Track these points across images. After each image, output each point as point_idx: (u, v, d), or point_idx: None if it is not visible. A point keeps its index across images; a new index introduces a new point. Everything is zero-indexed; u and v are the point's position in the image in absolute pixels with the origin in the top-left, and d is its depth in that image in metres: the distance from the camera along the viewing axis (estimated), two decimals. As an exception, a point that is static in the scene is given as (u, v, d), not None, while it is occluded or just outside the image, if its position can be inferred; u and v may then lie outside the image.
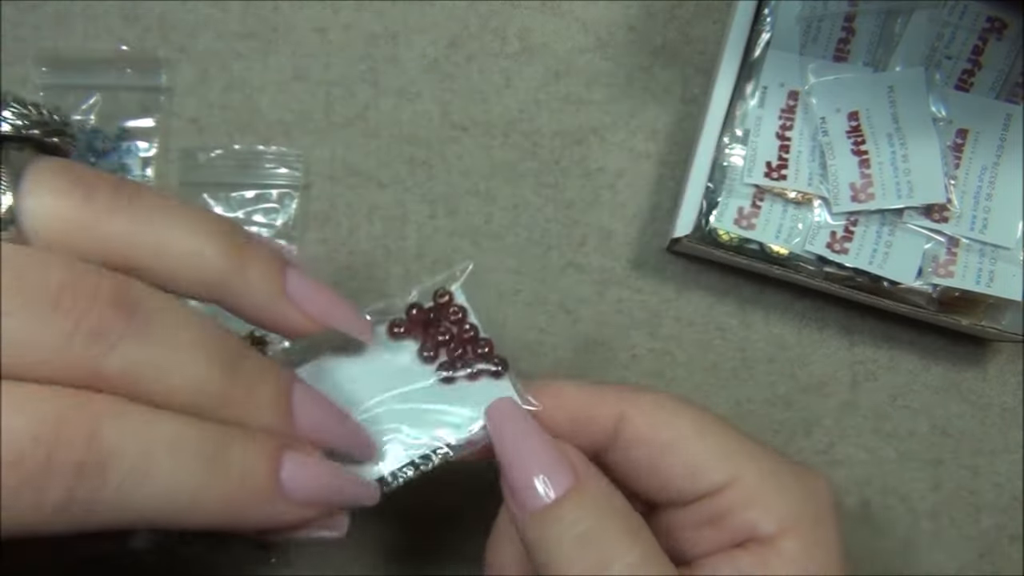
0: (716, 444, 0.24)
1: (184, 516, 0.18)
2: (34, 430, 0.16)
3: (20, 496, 0.15)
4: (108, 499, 0.16)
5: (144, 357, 0.17)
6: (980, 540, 0.38)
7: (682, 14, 0.39)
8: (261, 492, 0.19)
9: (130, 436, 0.17)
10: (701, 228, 0.35)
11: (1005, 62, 0.36)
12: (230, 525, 0.19)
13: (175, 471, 0.17)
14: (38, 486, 0.16)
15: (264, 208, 0.38)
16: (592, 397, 0.25)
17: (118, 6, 0.38)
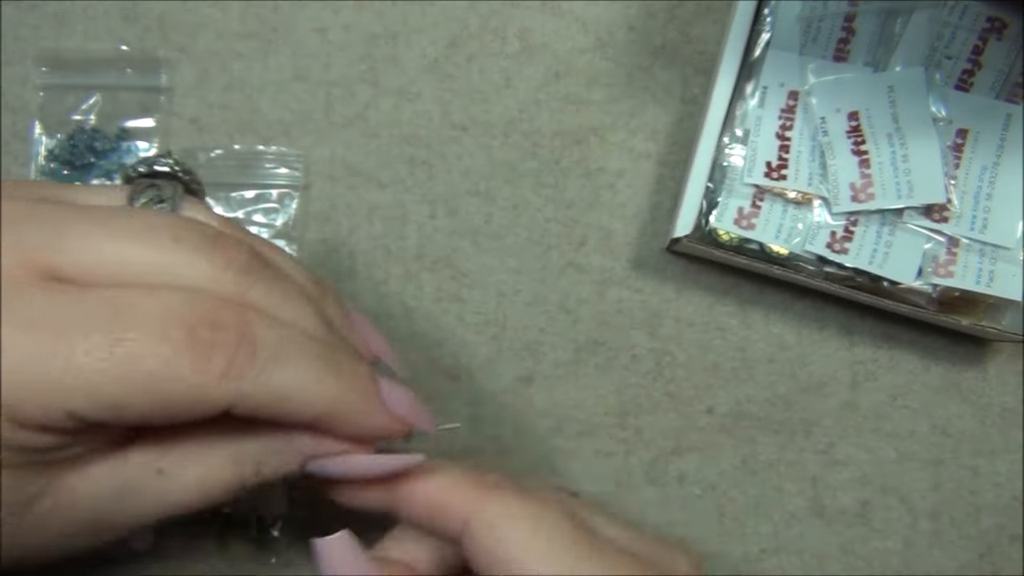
0: (549, 562, 0.24)
1: (306, 402, 0.22)
2: (201, 311, 0.21)
3: (195, 358, 0.20)
4: (254, 377, 0.21)
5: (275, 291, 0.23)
6: (980, 540, 0.38)
7: (682, 14, 0.39)
8: (366, 392, 0.23)
9: (270, 329, 0.22)
10: (701, 228, 0.35)
11: (1005, 62, 0.36)
12: (340, 420, 0.23)
13: (301, 361, 0.22)
14: (207, 352, 0.20)
15: (264, 208, 0.38)
16: (445, 494, 0.25)
17: (118, 6, 0.38)
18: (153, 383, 0.20)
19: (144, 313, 0.20)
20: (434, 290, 0.38)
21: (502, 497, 0.24)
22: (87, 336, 0.19)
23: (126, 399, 0.20)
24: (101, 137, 0.38)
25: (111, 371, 0.19)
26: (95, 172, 0.38)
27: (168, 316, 0.20)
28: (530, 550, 0.24)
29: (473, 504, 0.24)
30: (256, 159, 0.38)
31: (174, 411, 0.21)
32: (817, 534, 0.37)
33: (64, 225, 0.21)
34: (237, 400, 0.21)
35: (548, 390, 0.38)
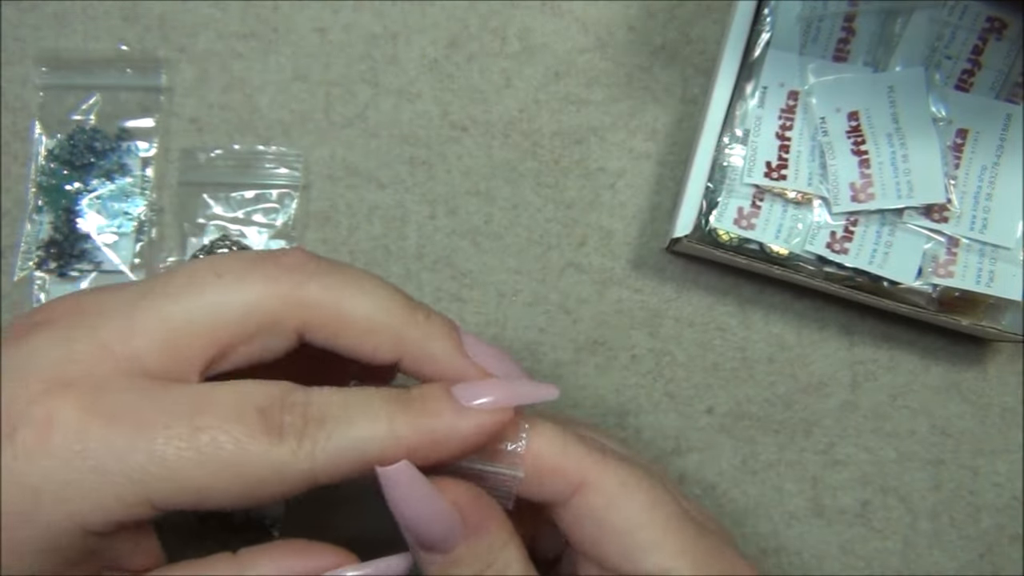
0: (659, 535, 0.24)
1: (383, 448, 0.22)
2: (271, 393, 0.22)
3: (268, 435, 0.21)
4: (325, 441, 0.21)
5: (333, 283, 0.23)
6: (980, 540, 0.38)
7: (682, 14, 0.39)
8: (441, 405, 0.23)
9: (333, 399, 0.22)
10: (701, 228, 0.35)
11: (1005, 62, 0.36)
12: (429, 446, 0.22)
13: (368, 411, 0.22)
14: (278, 427, 0.21)
15: (264, 208, 0.38)
16: (561, 454, 0.24)
17: (118, 6, 0.38)
18: (232, 467, 0.20)
19: (219, 402, 0.21)
20: (434, 290, 0.38)
21: (617, 466, 0.24)
22: (168, 426, 0.20)
23: (208, 484, 0.20)
24: (101, 137, 0.38)
25: (191, 459, 0.20)
26: (95, 172, 0.38)
27: (241, 402, 0.21)
28: (647, 524, 0.24)
29: (590, 470, 0.24)
30: (256, 159, 0.38)
31: (256, 492, 0.21)
32: (817, 534, 0.37)
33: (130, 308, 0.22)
34: (316, 469, 0.21)
35: (548, 390, 0.38)
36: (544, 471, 0.24)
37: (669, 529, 0.24)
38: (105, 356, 0.21)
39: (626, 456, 0.26)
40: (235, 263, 0.23)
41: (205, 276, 0.22)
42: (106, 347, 0.21)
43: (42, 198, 0.38)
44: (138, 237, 0.38)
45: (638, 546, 0.24)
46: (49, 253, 0.37)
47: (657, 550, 0.24)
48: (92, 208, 0.38)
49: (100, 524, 0.20)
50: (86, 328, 0.21)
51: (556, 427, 0.25)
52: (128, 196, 0.38)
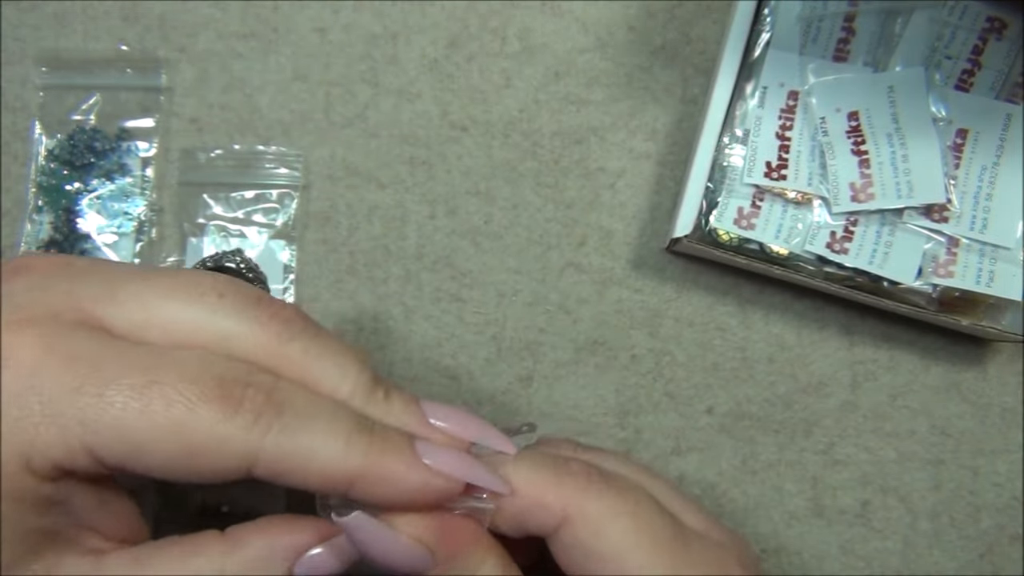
0: (647, 560, 0.24)
1: (331, 464, 0.22)
2: (236, 370, 0.21)
3: (222, 407, 0.20)
4: (278, 432, 0.21)
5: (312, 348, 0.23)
6: (980, 540, 0.38)
7: (682, 14, 0.39)
8: (400, 454, 0.22)
9: (299, 393, 0.22)
10: (701, 228, 0.35)
11: (1005, 62, 0.36)
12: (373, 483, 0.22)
13: (331, 424, 0.22)
14: (234, 404, 0.21)
15: (264, 208, 0.38)
16: (540, 490, 0.24)
17: (118, 6, 0.38)
18: (178, 427, 0.20)
19: (181, 363, 0.21)
20: (434, 290, 0.38)
21: (600, 492, 0.24)
22: (123, 376, 0.20)
23: (150, 441, 0.20)
24: (101, 137, 0.38)
25: (139, 409, 0.20)
26: (95, 172, 0.38)
27: (203, 368, 0.21)
28: (632, 548, 0.24)
29: (572, 502, 0.24)
30: (256, 159, 0.38)
31: (196, 461, 0.21)
32: (817, 534, 0.37)
33: (117, 281, 0.22)
34: (260, 456, 0.21)
35: (548, 390, 0.38)
36: (526, 507, 0.24)
37: (656, 552, 0.24)
38: (76, 310, 0.21)
39: (613, 475, 0.25)
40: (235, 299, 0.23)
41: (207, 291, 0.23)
42: (79, 304, 0.21)
43: (42, 198, 0.38)
44: (138, 237, 0.38)
45: (626, 572, 0.24)
46: (49, 253, 0.37)
47: (635, 548, 0.24)
48: (92, 208, 0.38)
49: (42, 465, 0.20)
50: (65, 283, 0.22)
51: (536, 460, 0.25)
52: (128, 196, 0.38)
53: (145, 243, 0.38)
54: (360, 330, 0.38)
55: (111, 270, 0.23)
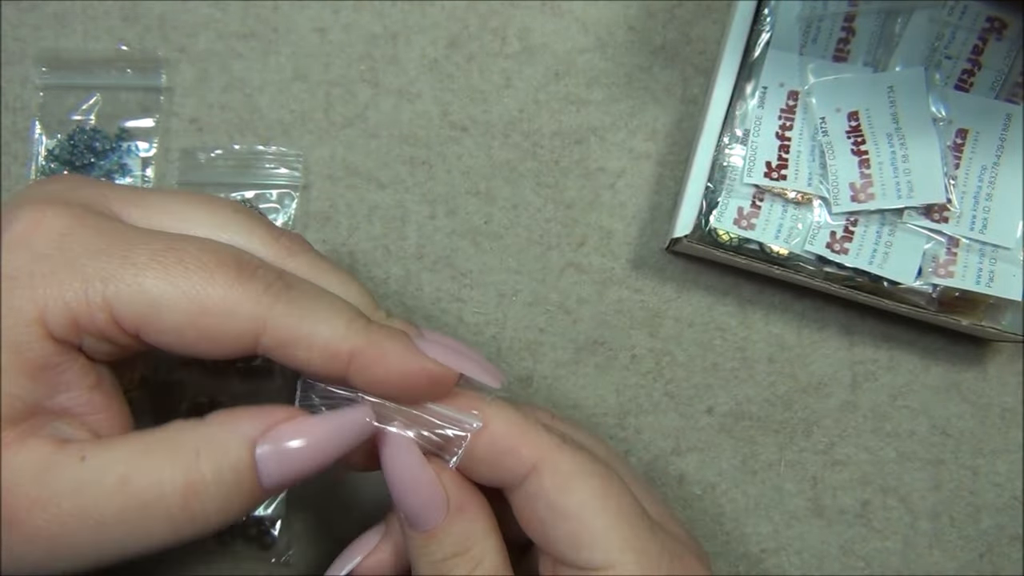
0: (609, 525, 0.24)
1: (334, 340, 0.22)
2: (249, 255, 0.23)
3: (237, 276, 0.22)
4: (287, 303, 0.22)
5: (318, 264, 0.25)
6: (980, 540, 0.38)
7: (682, 14, 0.39)
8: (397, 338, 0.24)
9: (306, 283, 0.23)
10: (701, 228, 0.35)
11: (1005, 62, 0.36)
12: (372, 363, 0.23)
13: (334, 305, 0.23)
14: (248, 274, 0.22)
15: (264, 208, 0.38)
16: (515, 436, 0.24)
17: (118, 6, 0.39)
18: (194, 288, 0.21)
19: (202, 239, 0.23)
20: (434, 290, 0.38)
21: (574, 452, 0.24)
22: (146, 243, 0.22)
23: (167, 300, 0.21)
24: (101, 137, 0.38)
25: (159, 269, 0.21)
26: (95, 172, 0.38)
27: (220, 246, 0.23)
28: (598, 511, 0.24)
29: (545, 452, 0.24)
30: (256, 159, 0.38)
31: (207, 323, 0.21)
32: (817, 534, 0.37)
33: (142, 190, 0.25)
34: (267, 324, 0.22)
35: (548, 390, 0.38)
36: (499, 448, 0.24)
37: (620, 520, 0.24)
38: (105, 205, 0.23)
39: (588, 447, 0.26)
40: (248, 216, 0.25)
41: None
42: (108, 202, 0.23)
43: (42, 198, 0.38)
44: (138, 237, 0.38)
45: (587, 533, 0.23)
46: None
47: (605, 540, 0.23)
48: (92, 208, 0.38)
49: (57, 318, 0.21)
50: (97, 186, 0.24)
51: (517, 409, 0.25)
52: (128, 196, 0.38)
53: (145, 243, 0.38)
54: (360, 330, 0.38)
55: (135, 187, 0.25)
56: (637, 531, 0.24)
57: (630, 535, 0.24)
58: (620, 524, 0.24)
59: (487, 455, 0.24)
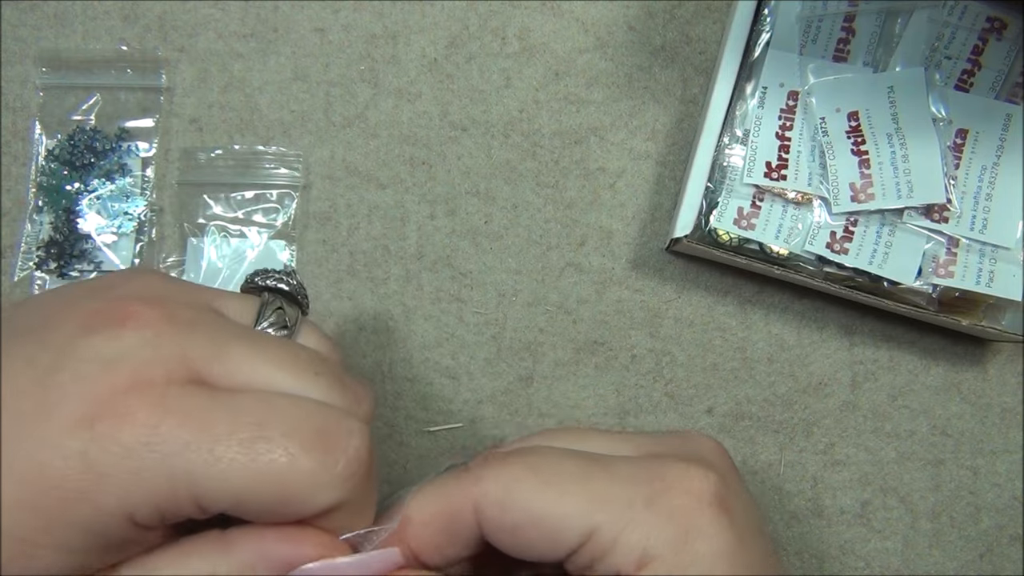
0: (566, 505, 0.24)
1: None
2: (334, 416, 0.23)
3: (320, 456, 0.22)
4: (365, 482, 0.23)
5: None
6: (980, 540, 0.38)
7: (682, 14, 0.39)
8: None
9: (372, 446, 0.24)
10: (701, 228, 0.35)
11: (1005, 62, 0.36)
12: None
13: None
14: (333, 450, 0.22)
15: (264, 208, 0.38)
16: (441, 502, 0.25)
17: (118, 6, 0.38)
18: (281, 478, 0.21)
19: (285, 414, 0.22)
20: (434, 290, 0.38)
21: (494, 470, 0.24)
22: (232, 432, 0.21)
23: (251, 492, 0.21)
24: (101, 137, 0.38)
25: (247, 463, 0.21)
26: (95, 172, 0.38)
27: (302, 416, 0.22)
28: (545, 503, 0.24)
29: (474, 492, 0.24)
30: (256, 159, 0.38)
31: (290, 507, 0.22)
32: (817, 534, 0.37)
33: (223, 340, 0.24)
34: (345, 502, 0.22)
35: (548, 390, 0.38)
36: (441, 521, 0.25)
37: (565, 493, 0.24)
38: (187, 369, 0.23)
39: (511, 450, 0.25)
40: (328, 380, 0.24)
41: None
42: (191, 364, 0.23)
43: (42, 198, 0.38)
44: (138, 237, 0.38)
45: (550, 523, 0.23)
46: (49, 253, 0.37)
47: (567, 516, 0.23)
48: (92, 208, 0.38)
49: (147, 515, 0.21)
50: (176, 341, 0.23)
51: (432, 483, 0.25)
52: (128, 196, 0.38)
53: (145, 243, 0.38)
54: (360, 330, 0.38)
55: (216, 327, 0.24)
56: (600, 491, 0.24)
57: (595, 498, 0.24)
58: (578, 499, 0.24)
59: (441, 535, 0.25)
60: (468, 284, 0.38)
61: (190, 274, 0.38)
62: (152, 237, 0.38)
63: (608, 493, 0.24)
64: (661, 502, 0.24)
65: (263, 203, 0.38)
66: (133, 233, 0.38)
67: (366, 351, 0.38)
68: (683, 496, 0.24)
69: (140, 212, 0.38)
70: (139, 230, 0.38)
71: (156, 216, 0.38)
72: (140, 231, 0.38)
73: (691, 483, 0.24)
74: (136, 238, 0.38)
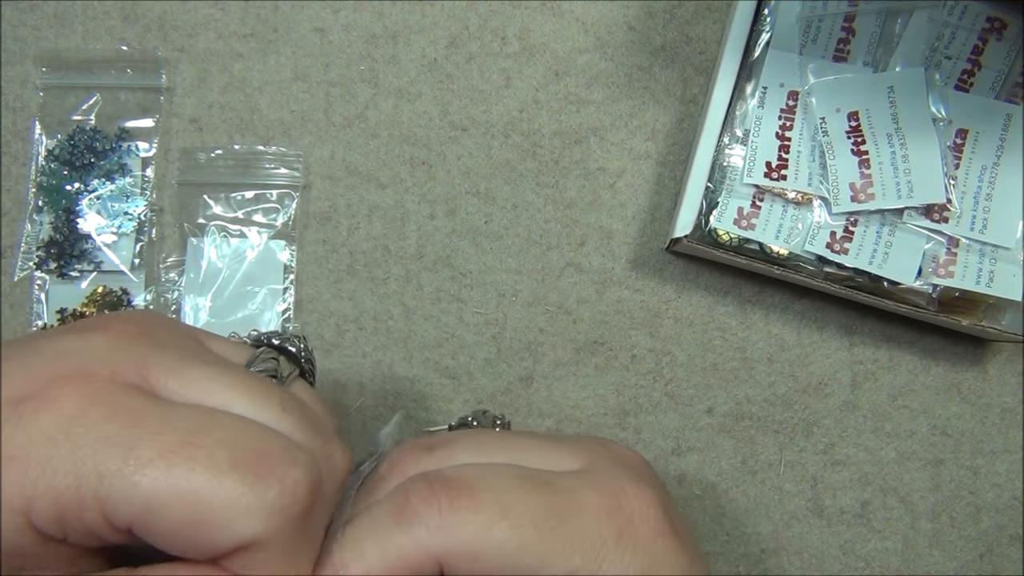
0: (544, 551, 0.22)
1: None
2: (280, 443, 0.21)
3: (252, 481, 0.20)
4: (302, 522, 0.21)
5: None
6: (980, 540, 0.38)
7: (682, 14, 0.39)
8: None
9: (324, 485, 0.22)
10: (701, 228, 0.35)
11: (1005, 62, 0.36)
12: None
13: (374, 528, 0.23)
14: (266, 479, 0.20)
15: (264, 208, 0.38)
16: (391, 554, 0.22)
17: (118, 6, 0.38)
18: (194, 494, 0.19)
19: (224, 427, 0.20)
20: (434, 290, 0.38)
21: (457, 516, 0.22)
22: (162, 433, 0.20)
23: (161, 502, 0.19)
24: (101, 137, 0.38)
25: (162, 468, 0.19)
26: (95, 172, 0.38)
27: (242, 433, 0.20)
28: (523, 551, 0.22)
29: (432, 543, 0.22)
30: (256, 159, 0.38)
31: (203, 532, 0.19)
32: (817, 534, 0.37)
33: (192, 362, 0.22)
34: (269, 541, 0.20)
35: (548, 390, 0.38)
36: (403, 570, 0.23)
37: (539, 533, 0.22)
38: (139, 375, 0.21)
39: (460, 480, 0.23)
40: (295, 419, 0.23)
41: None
42: (146, 372, 0.21)
43: (42, 198, 0.38)
44: (138, 237, 0.38)
45: (529, 571, 0.22)
46: (49, 253, 0.37)
47: (546, 563, 0.22)
48: (92, 208, 0.38)
49: (46, 511, 0.19)
50: (140, 352, 0.22)
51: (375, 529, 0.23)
52: (128, 196, 0.38)
53: (145, 243, 0.38)
54: (360, 330, 0.38)
55: (190, 351, 0.23)
56: (566, 527, 0.23)
57: (565, 538, 0.22)
58: (540, 538, 0.22)
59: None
60: (468, 284, 0.38)
61: (190, 274, 0.38)
62: (152, 237, 0.38)
63: (582, 533, 0.23)
64: (627, 536, 0.23)
65: (263, 203, 0.38)
66: (133, 233, 0.38)
67: (366, 351, 0.38)
68: (643, 525, 0.23)
69: (140, 212, 0.38)
70: (139, 230, 0.38)
71: (156, 216, 0.38)
72: (140, 231, 0.38)
73: (645, 509, 0.24)
74: (136, 238, 0.38)
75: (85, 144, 0.38)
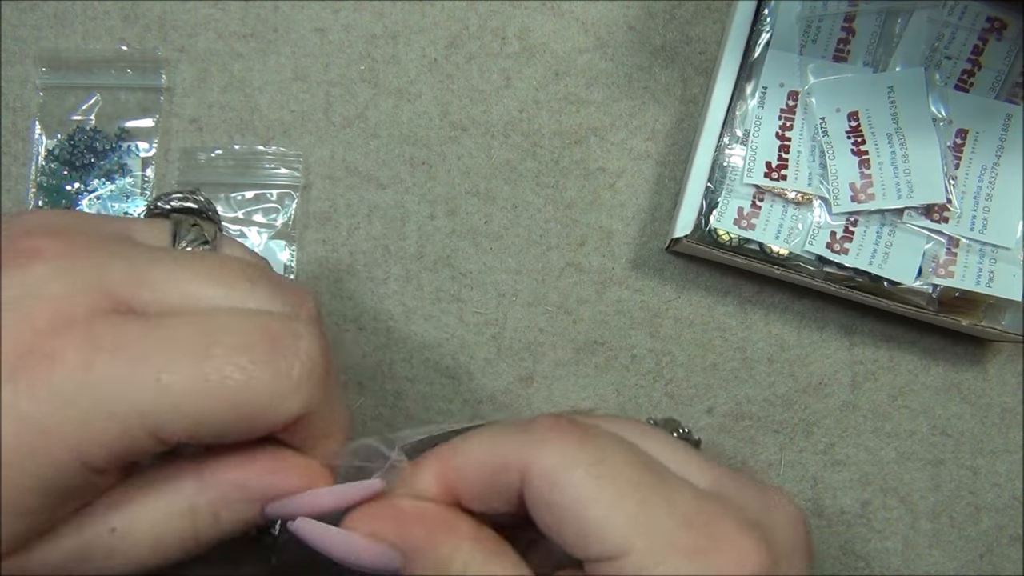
0: (613, 513, 0.21)
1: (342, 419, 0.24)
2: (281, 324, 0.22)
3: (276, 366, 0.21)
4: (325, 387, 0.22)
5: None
6: (980, 540, 0.38)
7: (682, 14, 0.39)
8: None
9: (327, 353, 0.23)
10: (701, 228, 0.35)
11: (1005, 62, 0.36)
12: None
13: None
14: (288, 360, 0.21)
15: (264, 208, 0.38)
16: (490, 451, 0.23)
17: (118, 6, 0.38)
18: (238, 395, 0.20)
19: (228, 329, 0.21)
20: (434, 290, 0.38)
21: (558, 443, 0.22)
22: (176, 357, 0.20)
23: (211, 414, 0.20)
24: (101, 137, 0.38)
25: (199, 387, 0.20)
26: (95, 172, 0.38)
27: (245, 328, 0.21)
28: (592, 499, 0.21)
29: (527, 453, 0.22)
30: (256, 159, 0.38)
31: (251, 423, 0.21)
32: (817, 534, 0.37)
33: (146, 264, 0.22)
34: (309, 409, 0.21)
35: (548, 390, 0.38)
36: (487, 470, 0.23)
37: (619, 502, 0.21)
38: (108, 298, 0.21)
39: (584, 426, 0.23)
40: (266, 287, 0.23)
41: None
42: (111, 291, 0.21)
43: (42, 198, 0.38)
44: (138, 237, 0.38)
45: (588, 523, 0.21)
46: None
47: (607, 528, 0.21)
48: (92, 208, 0.38)
49: (103, 459, 0.20)
50: (91, 270, 0.21)
51: (495, 427, 0.24)
52: (128, 196, 0.38)
53: (145, 243, 0.38)
54: (360, 330, 0.38)
55: (131, 251, 0.22)
56: (642, 504, 0.21)
57: (641, 512, 0.21)
58: (617, 505, 0.21)
59: (480, 483, 0.23)
60: (468, 284, 0.38)
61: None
62: (152, 237, 0.38)
63: (658, 522, 0.21)
64: (702, 560, 0.21)
65: (263, 203, 0.38)
66: (133, 233, 0.38)
67: (366, 351, 0.38)
68: (727, 564, 0.21)
69: (140, 212, 0.38)
70: (139, 230, 0.38)
71: (156, 216, 0.38)
72: (140, 231, 0.38)
73: (739, 555, 0.21)
74: (136, 238, 0.38)
75: (85, 144, 0.38)
